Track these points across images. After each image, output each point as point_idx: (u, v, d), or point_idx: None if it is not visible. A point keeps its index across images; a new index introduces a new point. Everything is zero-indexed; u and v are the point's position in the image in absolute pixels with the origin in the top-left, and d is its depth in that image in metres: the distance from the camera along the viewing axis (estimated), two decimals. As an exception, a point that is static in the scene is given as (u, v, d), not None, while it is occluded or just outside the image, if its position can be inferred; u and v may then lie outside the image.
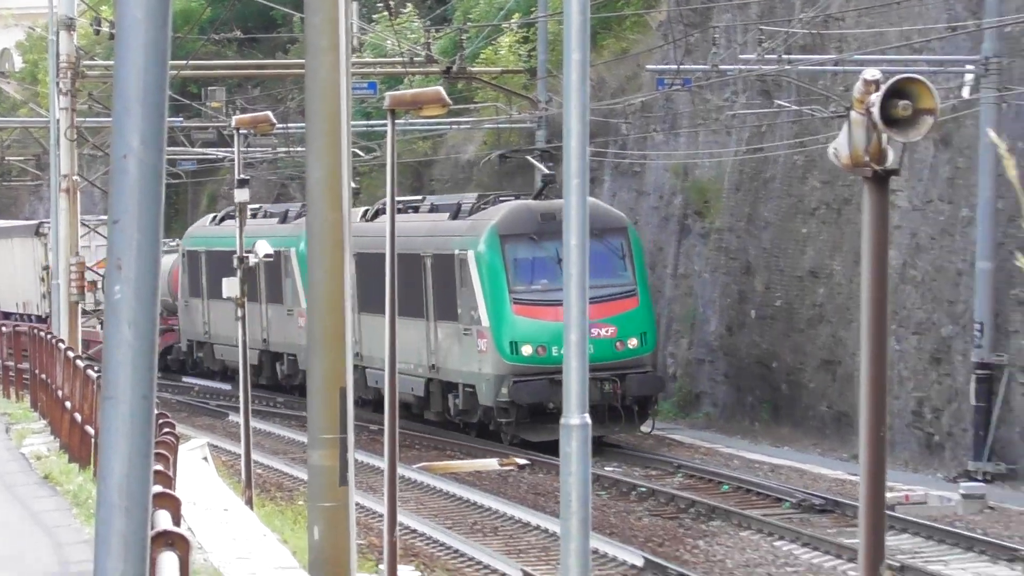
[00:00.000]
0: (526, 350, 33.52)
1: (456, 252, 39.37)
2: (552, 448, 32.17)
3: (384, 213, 40.45)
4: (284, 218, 49.83)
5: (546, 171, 41.15)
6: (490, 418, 35.87)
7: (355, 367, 47.28)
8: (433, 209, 39.84)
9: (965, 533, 34.47)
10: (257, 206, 50.47)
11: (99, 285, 49.94)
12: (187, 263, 50.52)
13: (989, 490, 37.33)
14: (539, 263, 33.62)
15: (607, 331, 33.75)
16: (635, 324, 34.08)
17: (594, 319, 30.19)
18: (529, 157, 45.51)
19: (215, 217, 51.81)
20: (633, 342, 33.68)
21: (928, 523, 35.40)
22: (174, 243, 62.32)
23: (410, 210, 43.77)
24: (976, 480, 38.23)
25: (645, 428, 31.51)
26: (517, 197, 43.40)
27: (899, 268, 41.85)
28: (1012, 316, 38.99)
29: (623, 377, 34.27)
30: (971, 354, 39.58)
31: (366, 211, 47.01)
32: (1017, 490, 38.64)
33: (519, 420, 34.59)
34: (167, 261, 56.04)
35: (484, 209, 38.52)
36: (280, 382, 47.88)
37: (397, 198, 37.88)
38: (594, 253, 29.35)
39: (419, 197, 46.33)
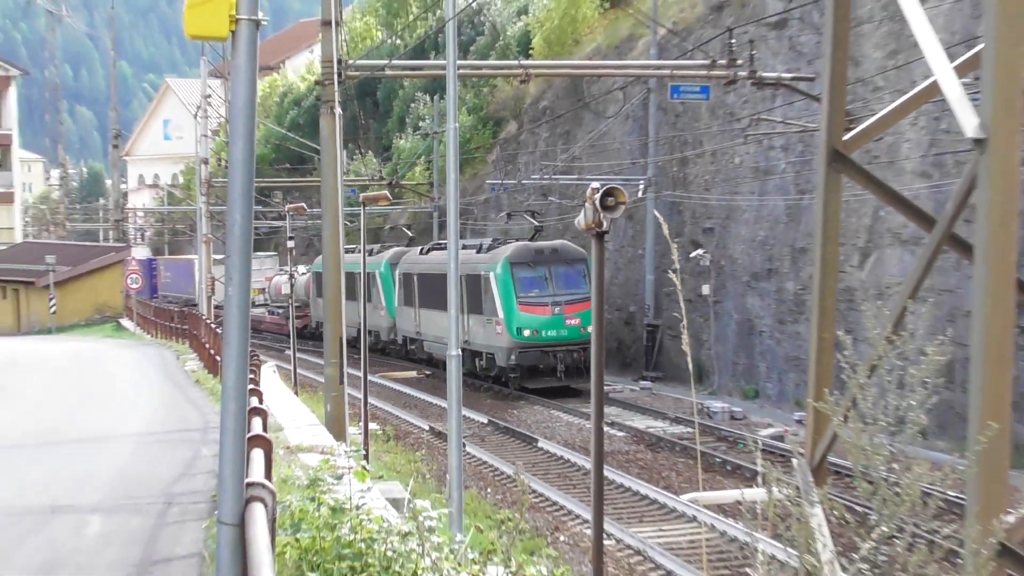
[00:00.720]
0: (526, 332, 42.41)
1: (482, 272, 48.29)
2: (545, 392, 45.07)
3: (435, 250, 55.52)
4: (479, 249, 52.84)
5: (537, 224, 51.28)
6: (502, 374, 44.00)
7: (415, 339, 59.68)
8: (463, 247, 41.21)
9: (641, 406, 45.47)
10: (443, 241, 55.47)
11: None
12: (402, 282, 57.54)
13: (653, 386, 50.52)
14: (534, 280, 42.89)
15: (575, 321, 42.92)
16: (590, 317, 34.44)
17: (568, 314, 43.16)
18: (525, 215, 54.91)
19: (422, 249, 58.07)
20: (589, 328, 33.72)
21: (623, 400, 46.26)
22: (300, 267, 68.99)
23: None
24: (646, 381, 51.70)
25: None
26: (519, 240, 51.81)
27: (609, 279, 51.47)
28: (663, 302, 51.50)
29: (585, 349, 41.39)
30: (644, 320, 53.75)
31: (421, 248, 57.82)
32: (666, 385, 50.59)
33: (521, 375, 43.04)
34: (302, 278, 65.65)
35: (497, 247, 46.64)
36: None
37: (437, 240, 58.92)
38: (567, 274, 44.20)
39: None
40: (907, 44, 32.35)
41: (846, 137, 8.79)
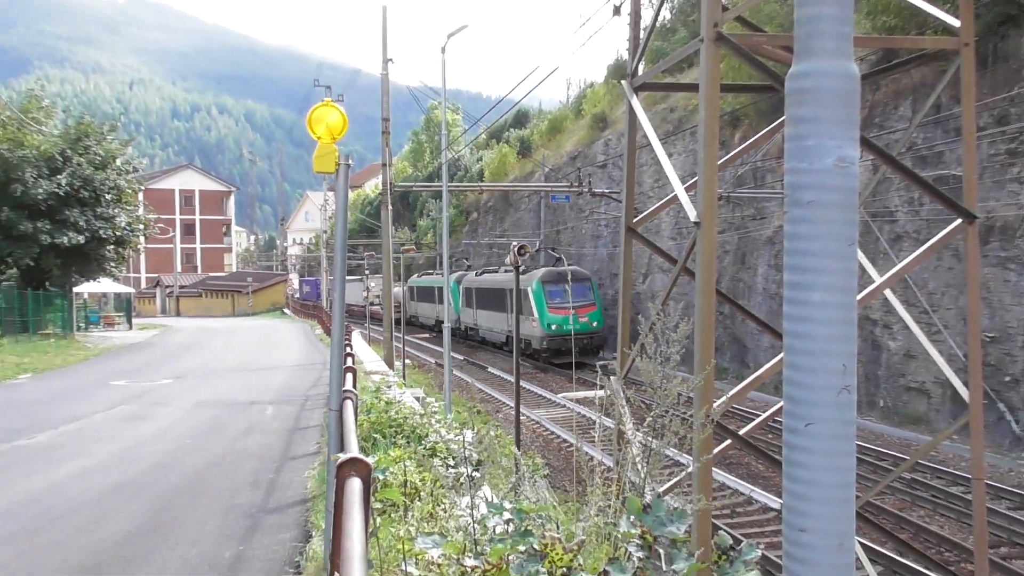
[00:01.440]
0: (553, 327, 35.77)
1: (524, 287, 38.62)
2: (563, 365, 35.52)
3: (485, 273, 44.96)
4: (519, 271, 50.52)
5: (557, 256, 42.21)
6: (537, 354, 36.81)
7: (472, 328, 45.73)
8: (505, 271, 40.16)
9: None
10: (490, 266, 49.10)
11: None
12: (465, 292, 47.21)
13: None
14: (557, 292, 35.70)
15: (585, 319, 36.53)
16: (594, 317, 36.83)
17: (580, 315, 35.48)
18: (548, 251, 45.02)
19: (477, 272, 48.09)
20: (594, 324, 36.71)
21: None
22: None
23: (494, 271, 44.43)
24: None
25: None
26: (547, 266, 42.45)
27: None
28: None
29: (592, 337, 36.62)
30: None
31: (476, 271, 47.81)
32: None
33: (549, 356, 36.26)
34: (398, 289, 51.59)
35: (532, 271, 38.75)
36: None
37: (491, 266, 47.68)
38: (579, 288, 35.84)
39: (495, 267, 45.56)
40: (663, 175, 31.98)
41: (635, 220, 8.76)
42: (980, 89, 19.25)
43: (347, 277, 50.06)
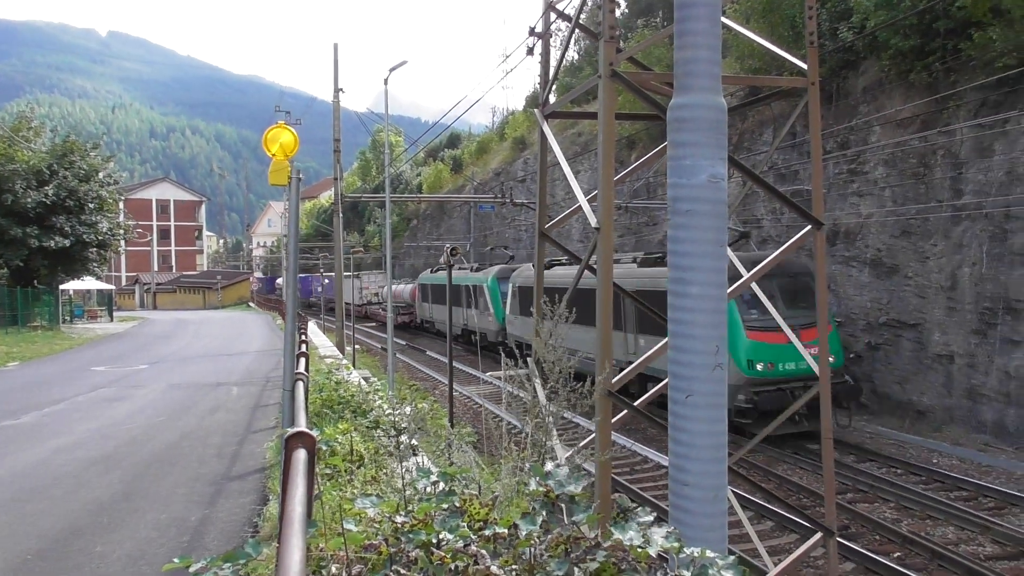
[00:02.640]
0: (760, 366, 16.93)
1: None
2: (776, 440, 16.04)
3: (550, 268, 23.65)
4: (639, 262, 27.93)
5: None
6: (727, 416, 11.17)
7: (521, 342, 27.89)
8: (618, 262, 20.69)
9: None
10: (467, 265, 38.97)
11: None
12: (516, 295, 28.82)
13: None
14: (756, 304, 16.84)
15: (813, 350, 11.65)
16: (832, 344, 17.04)
17: (805, 341, 14.67)
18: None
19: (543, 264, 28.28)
20: (830, 359, 9.30)
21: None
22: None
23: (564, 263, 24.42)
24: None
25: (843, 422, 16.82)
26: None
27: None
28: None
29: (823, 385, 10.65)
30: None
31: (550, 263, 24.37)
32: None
33: (754, 421, 16.40)
34: (408, 286, 46.37)
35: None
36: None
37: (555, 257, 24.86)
38: (796, 290, 17.39)
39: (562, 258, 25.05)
40: (570, 188, 31.91)
41: (547, 226, 8.77)
42: (826, 120, 19.82)
43: (373, 272, 51.58)
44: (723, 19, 7.36)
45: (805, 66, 6.93)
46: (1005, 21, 15.62)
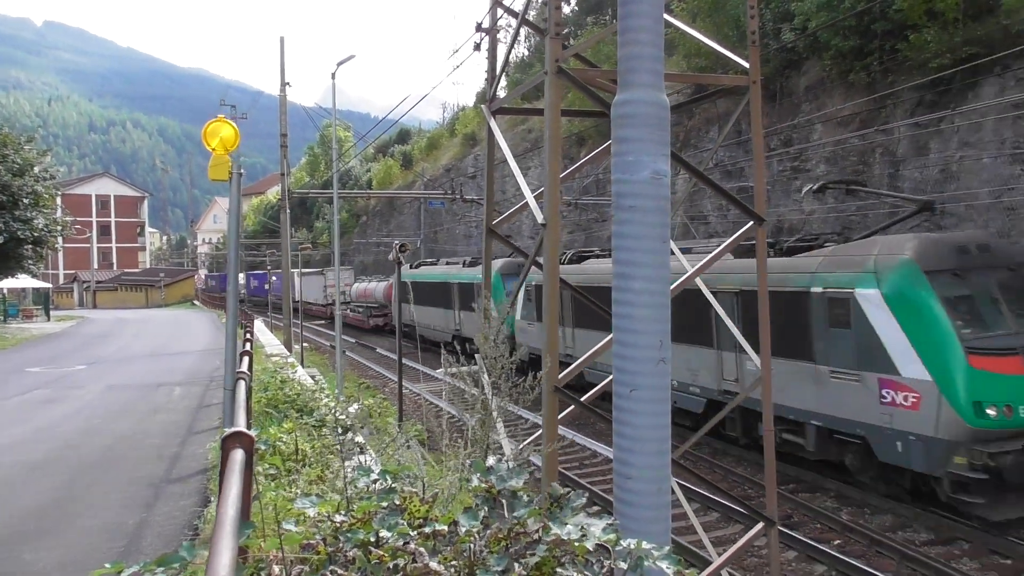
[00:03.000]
0: (991, 411, 9.74)
1: (835, 289, 13.08)
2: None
3: (580, 261, 20.50)
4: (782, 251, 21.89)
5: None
6: (929, 485, 11.55)
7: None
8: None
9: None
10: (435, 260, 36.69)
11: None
12: (533, 295, 22.67)
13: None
14: (977, 304, 10.30)
15: None
16: None
17: None
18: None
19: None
20: None
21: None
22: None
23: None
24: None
25: None
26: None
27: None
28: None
29: None
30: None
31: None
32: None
33: (986, 497, 9.90)
34: (383, 284, 40.32)
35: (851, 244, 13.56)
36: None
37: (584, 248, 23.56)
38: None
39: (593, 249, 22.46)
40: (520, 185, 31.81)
41: (495, 222, 8.76)
42: (770, 118, 20.20)
43: (306, 270, 43.18)
44: (668, 17, 7.44)
45: (747, 64, 7.04)
46: (940, 23, 16.10)
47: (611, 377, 4.06)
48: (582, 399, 7.32)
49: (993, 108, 15.30)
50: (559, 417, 7.11)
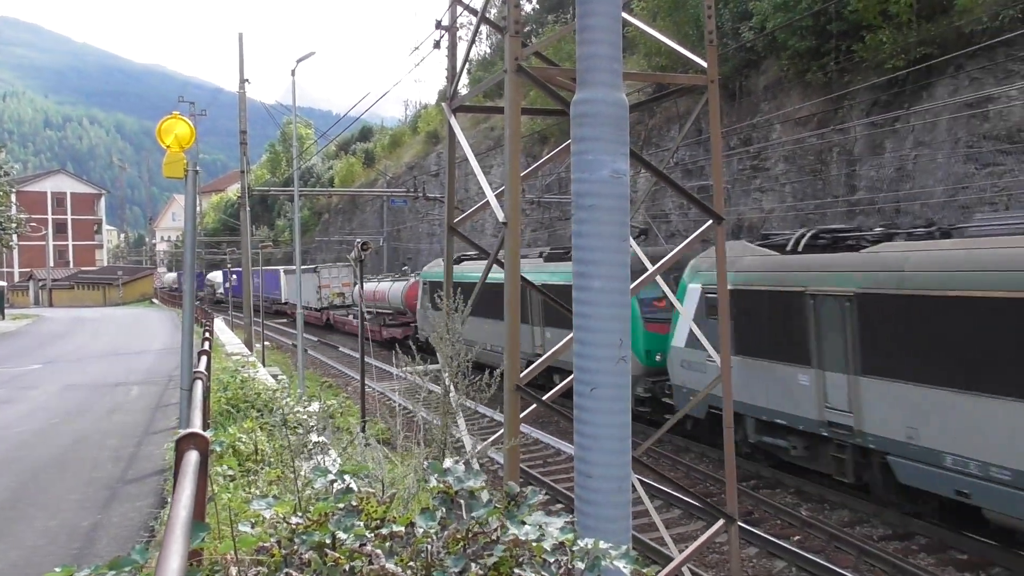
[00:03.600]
0: None
1: None
2: None
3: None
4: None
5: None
6: None
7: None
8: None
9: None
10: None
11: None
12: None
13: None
14: None
15: None
16: None
17: None
18: None
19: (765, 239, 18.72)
20: None
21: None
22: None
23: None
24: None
25: None
26: None
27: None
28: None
29: None
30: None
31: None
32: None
33: None
34: (401, 285, 32.34)
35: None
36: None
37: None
38: None
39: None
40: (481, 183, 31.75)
41: (456, 220, 8.72)
42: (730, 117, 20.40)
43: (292, 268, 33.07)
44: (628, 16, 7.47)
45: (705, 64, 7.09)
46: (894, 25, 16.39)
47: (572, 376, 4.06)
48: (544, 397, 7.33)
49: (947, 108, 15.62)
50: (522, 416, 7.11)
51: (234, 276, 46.20)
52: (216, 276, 60.45)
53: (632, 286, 6.32)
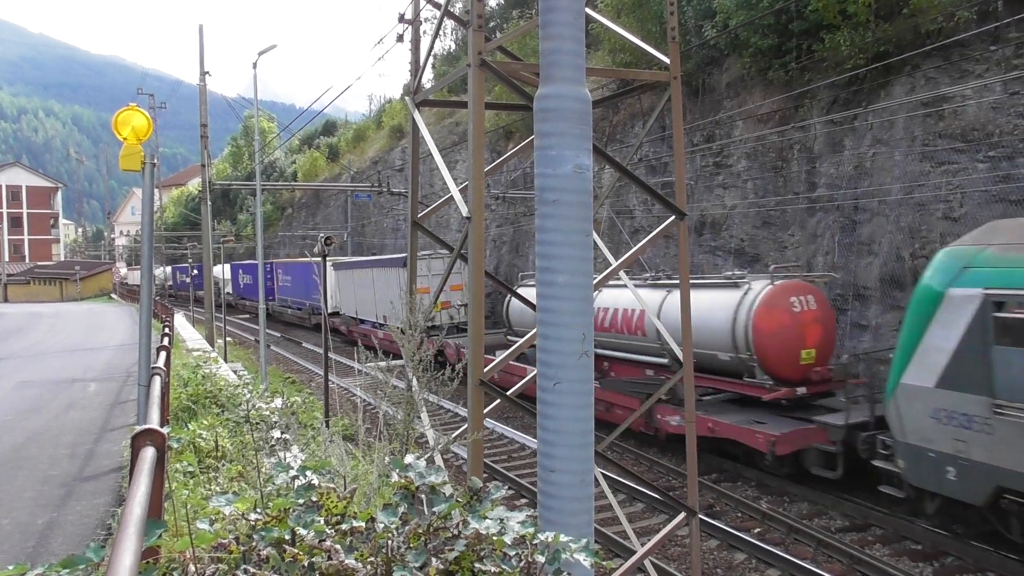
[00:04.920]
0: None
1: None
2: None
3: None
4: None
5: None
6: None
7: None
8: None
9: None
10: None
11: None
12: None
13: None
14: None
15: None
16: None
17: None
18: None
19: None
20: None
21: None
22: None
23: None
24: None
25: None
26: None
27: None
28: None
29: None
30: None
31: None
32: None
33: None
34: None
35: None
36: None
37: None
38: None
39: None
40: (455, 177, 31.61)
41: (420, 215, 8.67)
42: (693, 114, 20.56)
43: (351, 260, 35.58)
44: (592, 12, 7.48)
45: (668, 60, 7.14)
46: (852, 24, 16.63)
47: (535, 371, 4.06)
48: (508, 392, 7.33)
49: (903, 107, 15.90)
50: (486, 411, 7.10)
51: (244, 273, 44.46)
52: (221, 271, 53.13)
53: (596, 281, 6.35)
